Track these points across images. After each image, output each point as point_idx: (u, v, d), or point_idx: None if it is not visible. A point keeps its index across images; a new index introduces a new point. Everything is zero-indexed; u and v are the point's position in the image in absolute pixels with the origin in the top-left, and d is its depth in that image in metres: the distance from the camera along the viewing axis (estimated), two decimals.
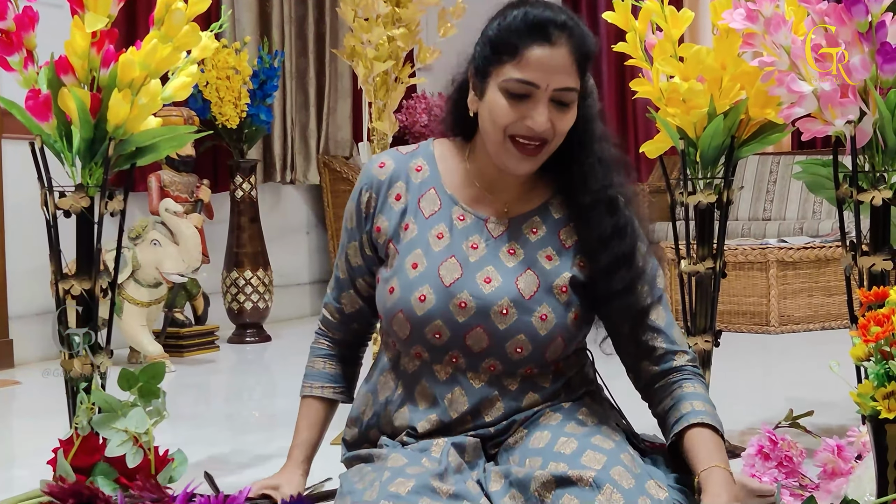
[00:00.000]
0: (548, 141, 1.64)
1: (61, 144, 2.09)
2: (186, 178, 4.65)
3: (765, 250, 4.98)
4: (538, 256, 1.70)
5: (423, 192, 1.74)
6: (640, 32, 2.42)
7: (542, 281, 1.67)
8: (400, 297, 1.67)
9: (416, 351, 1.70)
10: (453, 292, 1.66)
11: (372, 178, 1.76)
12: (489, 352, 1.67)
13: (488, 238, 1.71)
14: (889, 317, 1.62)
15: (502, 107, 1.62)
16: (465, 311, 1.66)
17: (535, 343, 1.66)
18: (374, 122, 2.81)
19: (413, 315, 1.66)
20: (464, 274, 1.67)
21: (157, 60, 2.11)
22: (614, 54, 7.38)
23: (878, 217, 2.25)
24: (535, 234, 1.72)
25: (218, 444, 2.89)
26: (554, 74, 1.60)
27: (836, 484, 2.01)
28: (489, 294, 1.66)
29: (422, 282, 1.67)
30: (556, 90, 1.61)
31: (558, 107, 1.63)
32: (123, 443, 1.78)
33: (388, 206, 1.74)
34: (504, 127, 1.63)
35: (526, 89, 1.61)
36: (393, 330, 1.71)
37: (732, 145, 2.44)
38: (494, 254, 1.70)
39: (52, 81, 2.06)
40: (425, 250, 1.69)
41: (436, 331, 1.66)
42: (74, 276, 2.12)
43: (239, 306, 4.99)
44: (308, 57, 5.89)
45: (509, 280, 1.67)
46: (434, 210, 1.72)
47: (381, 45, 2.71)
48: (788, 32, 2.18)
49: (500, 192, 1.73)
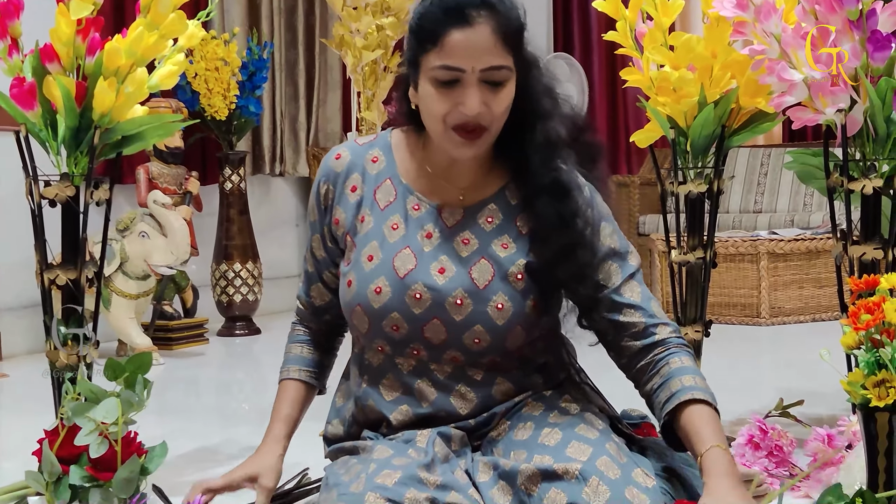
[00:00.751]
0: (486, 125, 1.60)
1: (46, 133, 2.07)
2: (175, 170, 4.62)
3: (755, 242, 4.98)
4: (493, 245, 1.67)
5: (378, 182, 1.72)
6: (630, 21, 2.41)
7: (496, 269, 1.65)
8: (357, 291, 1.66)
9: (377, 345, 1.68)
10: (408, 283, 1.64)
11: (329, 171, 1.74)
12: (449, 343, 1.65)
13: (442, 227, 1.69)
14: (879, 305, 1.62)
15: (434, 97, 1.59)
16: (420, 303, 1.64)
17: (493, 333, 1.64)
18: (363, 111, 2.79)
19: (370, 308, 1.65)
20: (418, 264, 1.65)
21: (142, 48, 2.09)
22: (605, 43, 7.41)
23: (868, 206, 2.24)
24: (490, 222, 1.69)
25: (207, 437, 2.88)
26: (478, 55, 1.56)
27: (826, 473, 2.00)
28: (443, 285, 1.64)
29: (377, 274, 1.65)
30: (482, 70, 1.57)
31: (491, 87, 1.59)
32: (90, 433, 1.76)
33: (345, 197, 1.72)
34: (441, 117, 1.60)
35: (452, 75, 1.57)
36: (353, 324, 1.70)
37: (723, 134, 2.43)
38: (448, 244, 1.67)
39: (36, 69, 2.04)
40: (381, 242, 1.68)
41: (393, 324, 1.65)
42: (60, 266, 2.10)
43: (228, 299, 4.97)
44: (298, 48, 5.86)
45: (463, 270, 1.65)
46: (389, 201, 1.71)
47: (370, 34, 2.69)
48: (779, 20, 2.17)
49: (455, 180, 1.71)
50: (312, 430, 2.85)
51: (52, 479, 1.84)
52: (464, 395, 1.67)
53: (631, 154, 7.64)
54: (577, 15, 7.48)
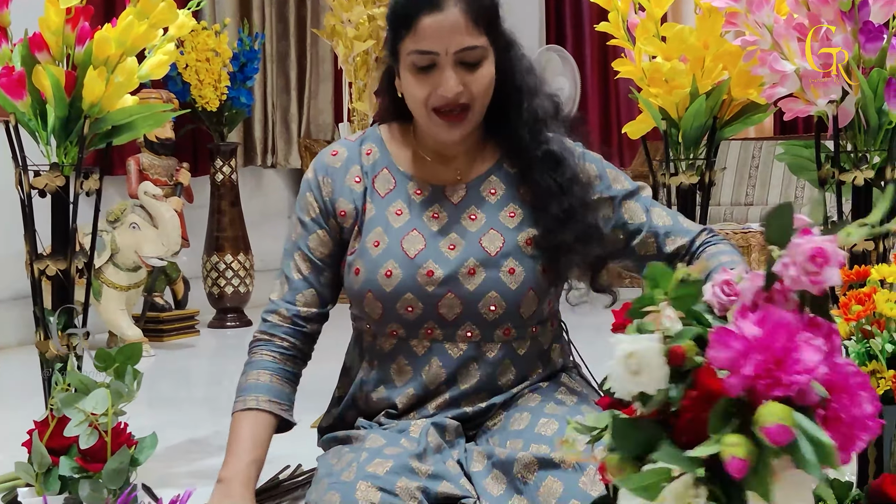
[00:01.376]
0: (468, 105, 1.63)
1: (36, 123, 2.05)
2: (166, 162, 4.61)
3: (747, 234, 4.99)
4: (500, 216, 1.70)
5: (376, 172, 1.73)
6: (622, 12, 2.40)
7: (506, 238, 1.67)
8: (367, 278, 1.66)
9: (391, 329, 1.68)
10: (419, 263, 1.65)
11: (327, 166, 1.74)
12: (464, 317, 1.65)
13: (449, 206, 1.71)
14: (870, 296, 1.62)
15: (413, 83, 1.62)
16: (433, 280, 1.64)
17: (507, 298, 1.65)
18: (355, 102, 2.79)
19: (382, 293, 1.65)
20: (427, 244, 1.67)
21: (132, 38, 2.07)
22: (597, 36, 7.42)
23: (860, 197, 2.24)
24: (493, 194, 1.72)
25: (197, 428, 2.87)
26: (450, 38, 1.59)
27: None
28: (455, 259, 1.65)
29: (386, 257, 1.66)
30: (456, 52, 1.60)
31: (467, 68, 1.61)
32: (80, 424, 1.75)
33: (348, 189, 1.72)
34: (422, 102, 1.63)
35: (427, 59, 1.60)
36: (365, 312, 1.68)
37: (715, 126, 2.43)
38: (456, 219, 1.69)
39: (25, 59, 2.02)
40: (385, 227, 1.68)
41: (407, 304, 1.65)
42: (49, 257, 2.09)
43: (219, 291, 4.97)
44: (289, 40, 5.85)
45: (473, 241, 1.67)
46: (389, 189, 1.72)
47: (362, 24, 2.68)
48: (771, 11, 2.16)
49: (450, 162, 1.73)
50: (304, 421, 2.85)
51: (41, 470, 1.83)
52: (469, 372, 1.67)
53: (623, 147, 7.64)
54: (570, 8, 7.48)
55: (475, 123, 1.67)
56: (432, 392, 1.67)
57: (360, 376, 1.73)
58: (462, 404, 1.67)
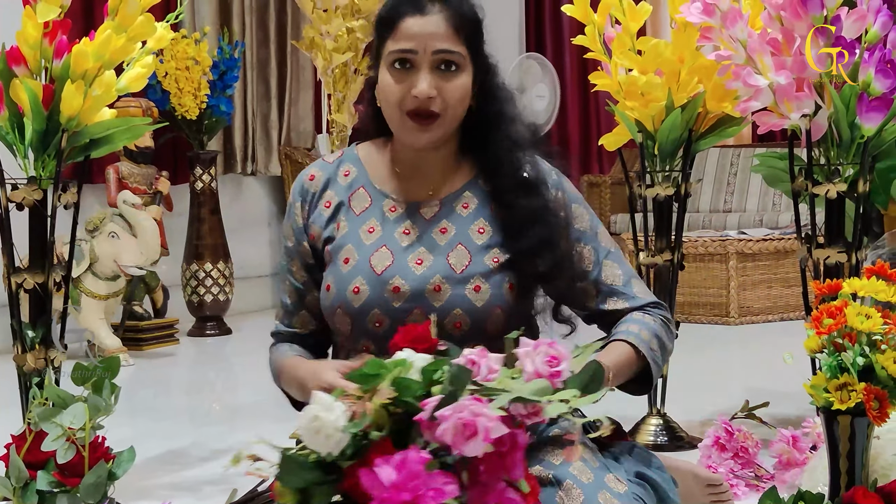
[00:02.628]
0: (439, 112, 1.65)
1: (13, 136, 2.05)
2: (145, 170, 4.60)
3: (725, 242, 5.02)
4: (469, 231, 1.70)
5: (352, 191, 1.75)
6: (598, 26, 2.43)
7: (472, 254, 1.68)
8: (336, 293, 1.68)
9: (362, 345, 1.69)
10: (385, 279, 1.66)
11: (305, 190, 1.77)
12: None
13: (421, 222, 1.72)
14: (841, 309, 1.64)
15: (389, 83, 1.65)
16: (399, 296, 1.66)
17: (472, 316, 1.65)
18: (334, 114, 2.80)
19: (351, 308, 1.66)
20: (395, 260, 1.68)
21: (110, 51, 2.08)
22: (577, 47, 7.44)
23: (832, 210, 2.27)
24: (466, 208, 1.73)
25: (177, 438, 2.87)
26: (429, 39, 1.62)
27: (790, 475, 2.03)
28: (421, 275, 1.66)
29: (354, 274, 1.67)
30: (434, 53, 1.63)
31: (443, 73, 1.64)
32: (57, 438, 1.75)
33: (319, 212, 1.74)
34: (396, 103, 1.65)
35: (405, 56, 1.64)
36: (336, 327, 1.70)
37: (690, 138, 2.45)
38: (426, 235, 1.70)
39: (3, 73, 2.02)
40: (356, 245, 1.70)
41: (375, 320, 1.66)
42: (27, 270, 2.09)
43: (199, 299, 4.96)
44: (269, 47, 5.85)
45: (440, 257, 1.68)
46: (364, 207, 1.74)
47: (340, 36, 2.70)
48: (745, 26, 2.19)
49: (424, 178, 1.74)
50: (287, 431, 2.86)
51: (19, 484, 1.83)
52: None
53: (602, 154, 7.67)
54: (549, 16, 7.50)
55: (445, 132, 1.68)
56: None
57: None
58: None
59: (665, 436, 2.59)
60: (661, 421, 2.62)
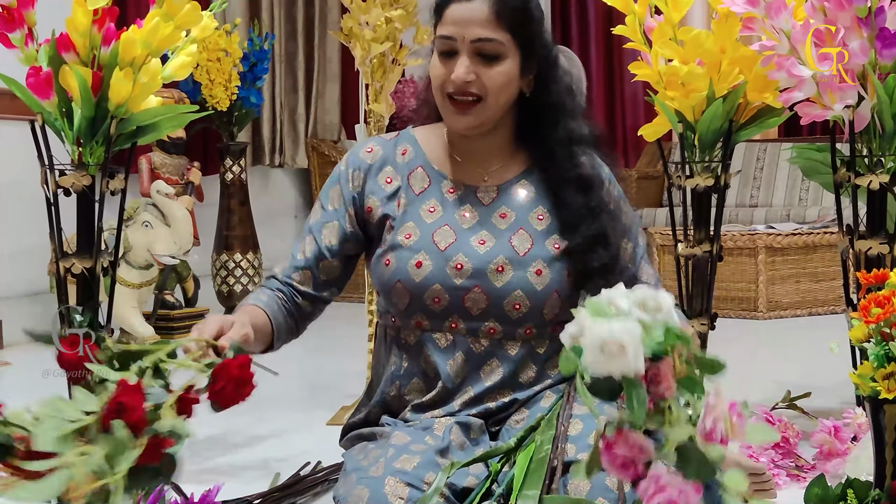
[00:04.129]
0: (480, 97, 1.67)
1: (62, 122, 2.08)
2: (177, 161, 4.63)
3: (753, 236, 5.00)
4: (529, 217, 1.73)
5: (411, 170, 1.77)
6: (639, 15, 2.43)
7: (534, 239, 1.71)
8: (397, 267, 1.70)
9: (416, 321, 1.71)
10: (449, 255, 1.69)
11: (360, 161, 1.78)
12: (488, 313, 1.68)
13: (479, 206, 1.75)
14: (889, 299, 1.64)
15: (435, 66, 1.70)
16: (461, 273, 1.68)
17: (532, 299, 1.68)
18: (371, 103, 2.81)
19: (411, 282, 1.68)
20: (458, 238, 1.71)
21: (158, 39, 2.10)
22: (603, 37, 7.44)
23: (874, 201, 2.27)
24: (524, 196, 1.76)
25: (211, 425, 2.89)
26: (469, 27, 1.66)
27: (832, 465, 2.03)
28: (484, 254, 1.69)
29: (417, 249, 1.70)
30: (473, 41, 1.66)
31: (484, 60, 1.67)
32: None
33: (379, 187, 1.76)
34: (440, 86, 1.69)
35: (447, 45, 1.68)
36: (392, 302, 1.72)
37: (730, 129, 2.45)
38: (486, 219, 1.73)
39: (53, 59, 2.05)
40: (418, 222, 1.72)
41: (434, 296, 1.68)
42: (75, 255, 2.11)
43: (228, 289, 4.99)
44: (297, 40, 5.87)
45: (503, 240, 1.71)
46: (424, 187, 1.76)
47: (379, 26, 2.71)
48: (789, 17, 2.19)
49: (479, 163, 1.77)
50: (320, 419, 2.87)
51: None
52: (493, 370, 1.70)
53: (628, 148, 7.66)
54: (575, 9, 7.49)
55: (487, 118, 1.70)
56: (458, 386, 1.70)
57: (391, 370, 1.76)
58: (485, 400, 1.70)
59: None
60: None
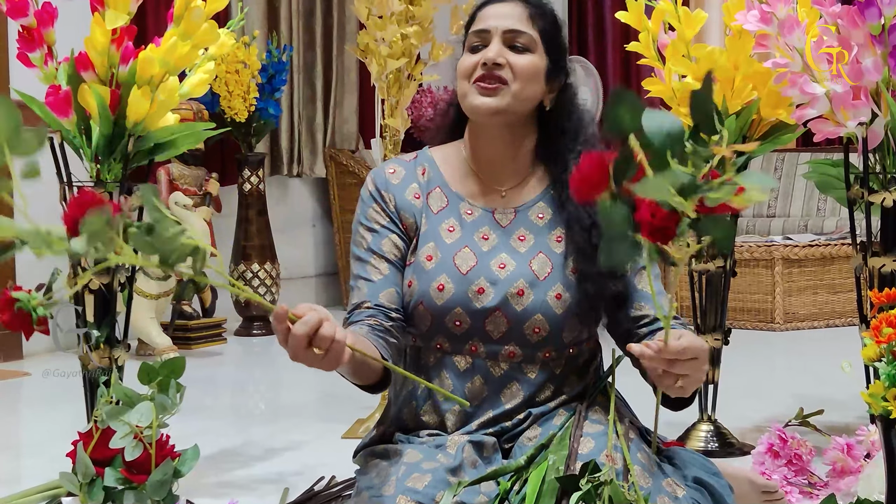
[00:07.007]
0: (506, 81, 1.70)
1: (80, 140, 2.11)
2: (195, 172, 4.66)
3: (770, 247, 4.99)
4: (548, 239, 1.75)
5: (430, 190, 1.79)
6: (652, 32, 2.44)
7: (553, 262, 1.72)
8: (420, 289, 1.71)
9: (436, 342, 1.72)
10: (471, 279, 1.70)
11: (386, 182, 1.80)
12: (508, 336, 1.70)
13: (497, 228, 1.76)
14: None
15: (464, 59, 1.75)
16: (483, 297, 1.69)
17: (552, 323, 1.69)
18: (387, 118, 2.83)
19: (433, 305, 1.70)
20: (479, 262, 1.72)
21: (176, 58, 2.12)
22: (620, 48, 7.43)
23: (888, 218, 2.27)
24: (541, 218, 1.77)
25: (227, 438, 2.91)
26: (502, 19, 1.73)
27: (845, 482, 2.03)
28: (505, 278, 1.70)
29: (439, 272, 1.71)
30: (505, 31, 1.72)
31: (514, 50, 1.72)
32: (125, 436, 1.79)
33: (409, 203, 1.78)
34: (467, 75, 1.73)
35: (480, 38, 1.74)
36: (414, 324, 1.73)
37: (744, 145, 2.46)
38: (506, 242, 1.74)
39: (72, 78, 2.08)
40: (438, 243, 1.74)
41: (456, 319, 1.69)
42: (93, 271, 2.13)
43: (246, 299, 5.02)
44: (315, 51, 5.90)
45: (523, 263, 1.72)
46: (442, 206, 1.78)
47: (395, 42, 2.73)
48: (802, 34, 2.19)
49: (498, 177, 1.78)
50: (335, 432, 2.89)
51: (86, 480, 1.87)
52: (514, 394, 1.71)
53: None
54: (592, 20, 7.50)
55: (510, 106, 1.71)
56: (476, 409, 1.71)
57: (409, 390, 1.77)
58: (502, 420, 1.71)
59: (716, 442, 2.59)
60: (711, 427, 2.63)
